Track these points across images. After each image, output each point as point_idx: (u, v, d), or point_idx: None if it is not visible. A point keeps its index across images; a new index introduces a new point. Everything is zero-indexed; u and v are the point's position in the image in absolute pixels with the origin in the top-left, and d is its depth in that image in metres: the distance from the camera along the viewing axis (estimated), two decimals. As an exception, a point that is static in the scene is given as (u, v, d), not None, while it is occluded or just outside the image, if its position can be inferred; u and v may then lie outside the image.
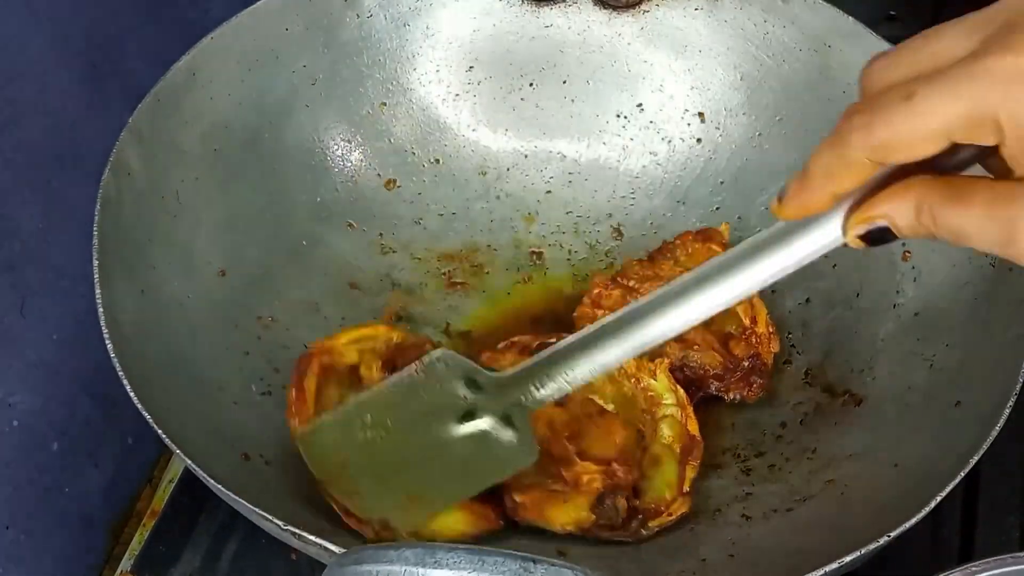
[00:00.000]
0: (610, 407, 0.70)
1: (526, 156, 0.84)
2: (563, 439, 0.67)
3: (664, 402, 0.70)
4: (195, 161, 0.73)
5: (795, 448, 0.69)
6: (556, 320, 0.77)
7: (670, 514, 0.66)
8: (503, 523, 0.65)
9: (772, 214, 0.44)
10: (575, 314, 0.74)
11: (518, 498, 0.64)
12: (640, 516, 0.65)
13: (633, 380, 0.70)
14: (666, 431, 0.69)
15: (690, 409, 0.70)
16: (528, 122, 0.84)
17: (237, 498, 0.57)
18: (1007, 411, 0.59)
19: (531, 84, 0.84)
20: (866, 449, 0.66)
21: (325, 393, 0.68)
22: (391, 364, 0.69)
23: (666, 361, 0.70)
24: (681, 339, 0.69)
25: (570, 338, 0.54)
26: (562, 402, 0.67)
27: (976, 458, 0.58)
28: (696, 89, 0.82)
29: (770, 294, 0.77)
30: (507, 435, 0.56)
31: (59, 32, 0.70)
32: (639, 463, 0.67)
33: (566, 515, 0.65)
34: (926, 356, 0.67)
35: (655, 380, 0.70)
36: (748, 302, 0.73)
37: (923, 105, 0.39)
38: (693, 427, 0.69)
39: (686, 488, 0.67)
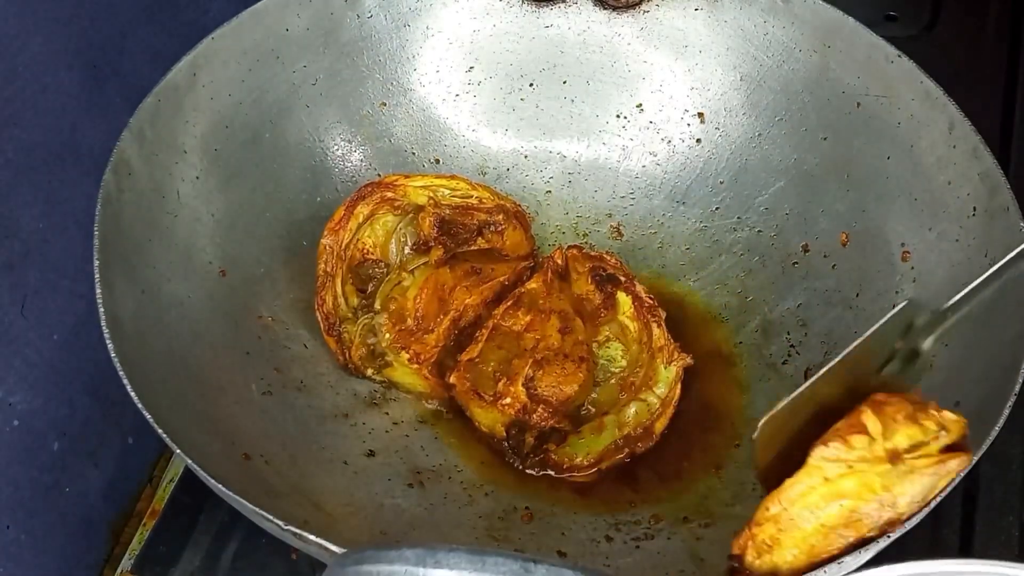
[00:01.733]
0: (618, 355, 0.72)
1: (526, 156, 0.84)
2: (529, 358, 0.71)
3: (655, 389, 0.71)
4: (195, 161, 0.73)
5: (795, 448, 0.69)
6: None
7: (571, 476, 0.70)
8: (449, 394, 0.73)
9: None
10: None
11: (453, 379, 0.71)
12: (541, 458, 0.70)
13: (649, 353, 0.71)
14: (632, 412, 0.70)
15: (671, 410, 0.71)
16: (528, 122, 0.84)
17: (237, 498, 0.57)
18: (1007, 411, 0.59)
19: (531, 84, 0.84)
20: (866, 449, 0.66)
21: (371, 225, 0.74)
22: (449, 224, 0.74)
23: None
24: None
25: None
26: (568, 329, 0.72)
27: (976, 458, 0.58)
28: (696, 89, 0.82)
29: (771, 295, 0.77)
30: None
31: (59, 32, 0.70)
32: (583, 418, 0.71)
33: (483, 418, 0.71)
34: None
35: (665, 368, 0.71)
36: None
37: None
38: (660, 426, 0.70)
39: (602, 466, 0.70)
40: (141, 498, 0.80)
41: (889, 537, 0.56)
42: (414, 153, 0.83)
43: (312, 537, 0.55)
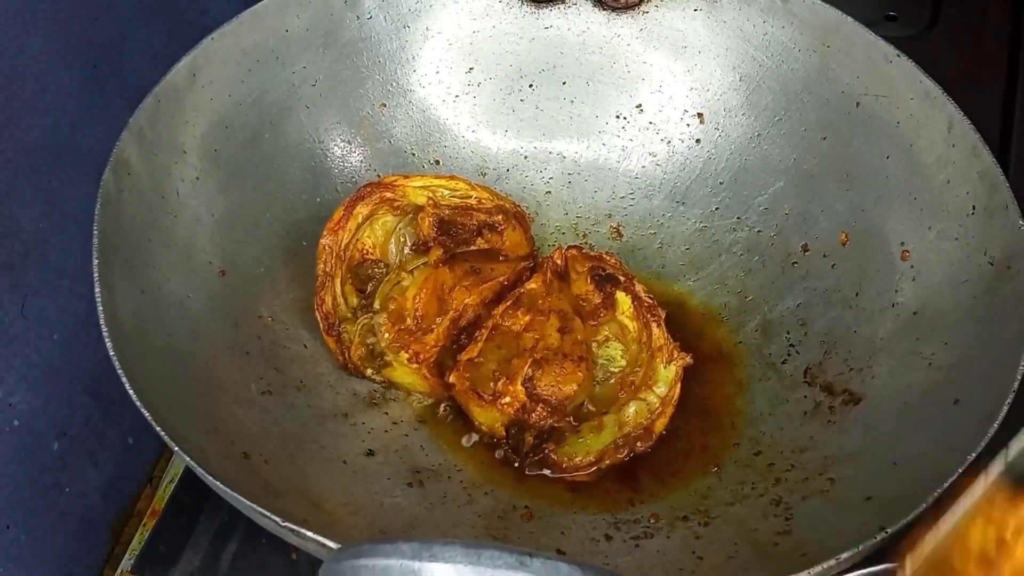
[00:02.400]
0: (618, 355, 0.73)
1: (526, 157, 0.84)
2: (528, 358, 0.71)
3: (655, 388, 0.71)
4: (195, 161, 0.73)
5: (794, 447, 0.69)
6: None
7: (570, 475, 0.70)
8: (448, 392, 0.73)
9: None
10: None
11: (453, 379, 0.71)
12: (540, 458, 0.70)
13: (649, 352, 0.71)
14: (632, 411, 0.70)
15: (671, 410, 0.71)
16: (528, 123, 0.84)
17: (237, 497, 0.57)
18: (1005, 409, 0.59)
19: (531, 85, 0.84)
20: (865, 448, 0.66)
21: (370, 226, 0.74)
22: (448, 225, 0.74)
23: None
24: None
25: None
26: (567, 329, 0.72)
27: (974, 456, 0.58)
28: (695, 90, 0.82)
29: (770, 294, 0.77)
30: None
31: (59, 32, 0.70)
32: (583, 416, 0.71)
33: (482, 417, 0.71)
34: (924, 355, 0.67)
35: (664, 367, 0.71)
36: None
37: None
38: (660, 425, 0.70)
39: (602, 465, 0.70)
40: (141, 498, 0.80)
41: (887, 532, 0.56)
42: (414, 154, 0.83)
43: (311, 535, 0.55)
